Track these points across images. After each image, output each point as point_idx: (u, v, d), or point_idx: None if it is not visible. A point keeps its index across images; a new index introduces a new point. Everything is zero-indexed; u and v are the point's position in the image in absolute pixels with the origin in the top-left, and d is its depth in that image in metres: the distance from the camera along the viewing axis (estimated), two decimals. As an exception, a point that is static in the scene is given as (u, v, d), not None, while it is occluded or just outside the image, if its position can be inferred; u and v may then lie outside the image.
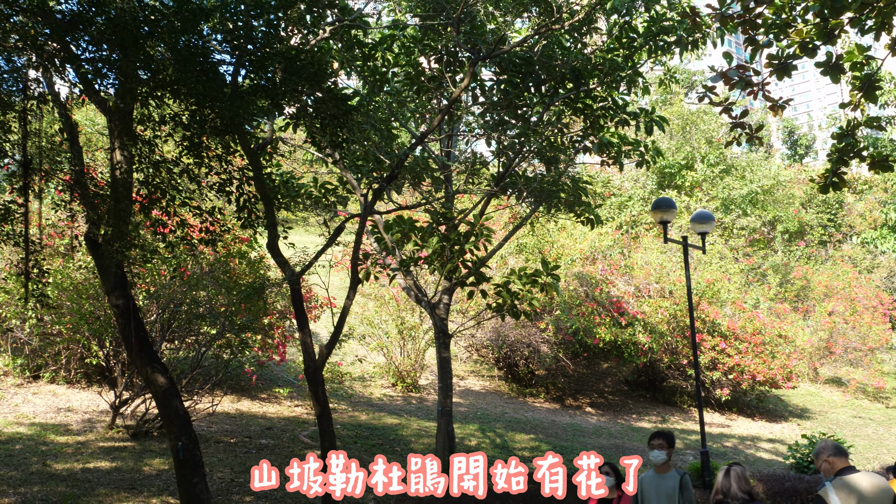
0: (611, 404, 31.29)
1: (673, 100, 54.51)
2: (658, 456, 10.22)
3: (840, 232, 59.82)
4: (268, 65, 11.23)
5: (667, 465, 10.26)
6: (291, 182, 15.97)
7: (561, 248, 30.62)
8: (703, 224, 19.69)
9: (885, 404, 40.93)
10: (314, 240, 34.64)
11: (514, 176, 17.10)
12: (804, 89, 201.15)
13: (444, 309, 17.47)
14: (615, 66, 15.75)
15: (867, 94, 10.39)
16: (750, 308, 34.55)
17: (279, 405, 22.19)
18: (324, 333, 29.05)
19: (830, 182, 10.86)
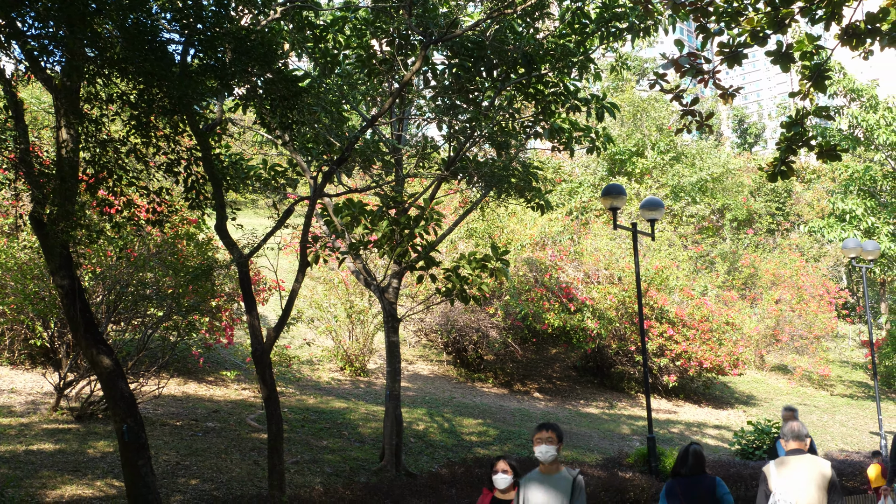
0: (559, 390, 31.43)
1: (624, 87, 54.75)
2: (546, 452, 8.58)
3: (788, 221, 60.50)
4: (217, 45, 11.10)
5: (556, 463, 8.62)
6: (241, 163, 15.84)
7: (511, 234, 30.67)
8: (653, 211, 19.79)
9: (829, 392, 41.48)
10: (263, 222, 34.48)
11: (465, 160, 17.09)
12: (755, 78, 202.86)
13: (393, 293, 17.44)
14: (567, 51, 15.76)
15: (816, 83, 10.46)
16: (698, 295, 34.82)
17: (226, 388, 22.07)
18: (272, 316, 28.92)
19: (779, 171, 10.93)
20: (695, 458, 10.18)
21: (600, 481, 16.21)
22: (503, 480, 9.05)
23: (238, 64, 11.20)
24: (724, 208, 55.08)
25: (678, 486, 10.13)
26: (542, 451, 8.61)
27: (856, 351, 52.37)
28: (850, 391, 42.60)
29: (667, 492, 10.24)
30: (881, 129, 34.65)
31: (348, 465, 17.45)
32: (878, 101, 36.07)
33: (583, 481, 8.50)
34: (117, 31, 10.22)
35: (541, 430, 8.71)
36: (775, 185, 58.58)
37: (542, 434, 8.65)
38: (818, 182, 61.93)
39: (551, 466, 8.62)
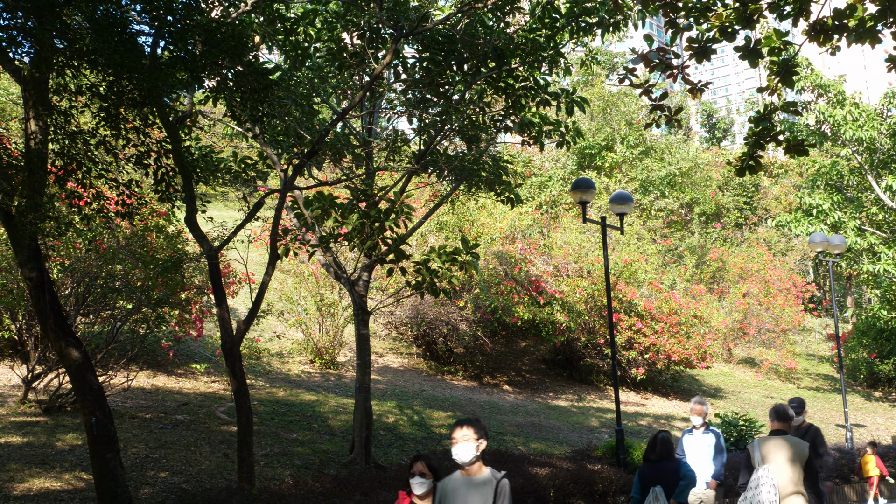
0: (528, 382, 31.54)
1: (594, 81, 54.87)
2: (463, 452, 7.52)
3: (756, 215, 60.87)
4: (188, 37, 11.08)
5: (478, 464, 7.58)
6: (211, 156, 15.79)
7: (481, 227, 30.73)
8: (622, 205, 19.88)
9: (796, 384, 41.81)
10: (233, 215, 34.39)
11: (436, 154, 17.11)
12: (723, 73, 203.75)
13: (363, 286, 17.45)
14: (537, 46, 15.81)
15: (784, 78, 10.55)
16: (666, 289, 35.00)
17: (196, 381, 22.03)
18: (242, 309, 28.86)
19: (747, 165, 11.03)
20: (662, 445, 11.50)
21: (569, 474, 16.28)
22: (420, 485, 8.11)
23: (208, 56, 11.18)
24: (693, 202, 55.37)
25: (649, 470, 11.48)
26: (459, 451, 7.52)
27: (822, 344, 52.81)
28: (816, 384, 42.95)
29: (639, 476, 11.55)
30: (848, 125, 34.90)
31: (318, 458, 17.46)
32: (845, 96, 36.30)
33: (507, 486, 7.46)
34: (87, 22, 10.19)
35: (456, 427, 7.62)
36: (743, 179, 58.92)
37: (458, 432, 7.56)
38: (786, 177, 62.33)
39: (472, 468, 7.56)
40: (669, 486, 11.16)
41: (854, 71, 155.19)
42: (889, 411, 39.14)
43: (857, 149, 36.07)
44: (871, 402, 40.84)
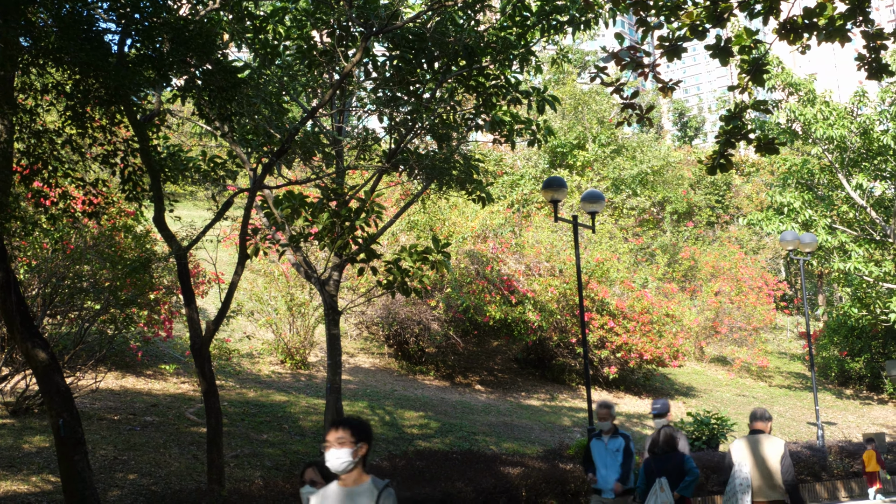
0: (500, 382, 31.52)
1: (565, 79, 54.89)
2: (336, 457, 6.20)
3: (727, 213, 61.08)
4: (155, 35, 10.98)
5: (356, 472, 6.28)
6: (179, 155, 15.67)
7: (452, 226, 30.68)
8: (593, 203, 19.87)
9: (767, 383, 42.00)
10: (202, 214, 34.21)
11: (406, 152, 17.05)
12: (695, 72, 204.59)
13: (333, 285, 17.37)
14: (508, 44, 15.76)
15: (755, 77, 10.55)
16: (638, 287, 35.06)
17: (165, 382, 21.87)
18: (212, 309, 28.69)
19: (718, 164, 11.02)
20: (667, 439, 12.20)
21: (541, 473, 16.26)
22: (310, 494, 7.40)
23: (176, 54, 11.08)
24: (665, 201, 55.48)
25: (653, 462, 12.08)
26: (331, 457, 6.21)
27: (794, 342, 53.08)
28: (787, 382, 43.15)
29: (644, 467, 12.15)
30: (818, 123, 35.05)
31: (289, 459, 17.37)
32: (816, 95, 36.48)
33: (392, 497, 6.28)
34: (52, 20, 10.06)
35: (331, 429, 6.36)
36: (715, 177, 59.12)
37: (333, 434, 6.25)
38: (757, 175, 62.58)
39: (349, 477, 6.30)
40: (673, 477, 11.79)
41: (825, 70, 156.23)
42: (860, 409, 39.38)
43: (828, 147, 36.24)
44: (842, 399, 41.07)
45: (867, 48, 10.82)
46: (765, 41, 11.37)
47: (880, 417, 38.08)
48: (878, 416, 38.16)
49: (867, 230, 37.78)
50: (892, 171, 36.37)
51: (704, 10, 10.28)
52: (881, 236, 37.27)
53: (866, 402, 41.50)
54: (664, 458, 12.03)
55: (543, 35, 16.26)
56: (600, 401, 13.18)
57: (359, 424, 6.40)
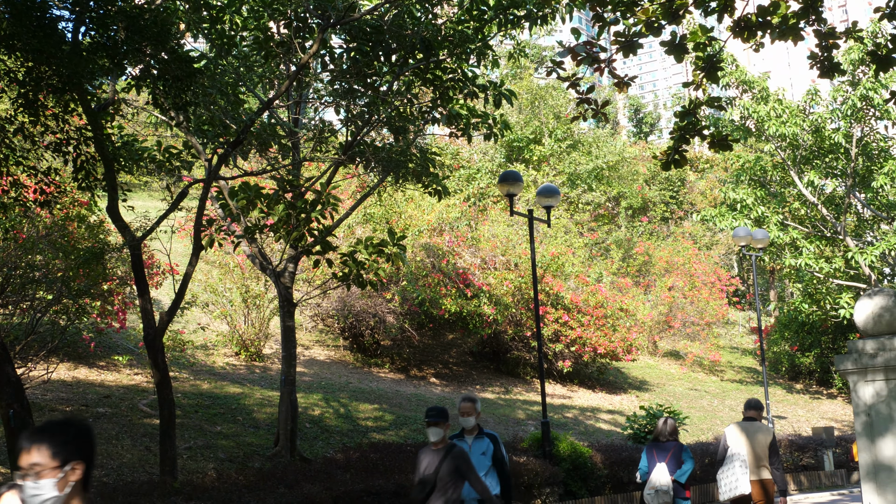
0: (455, 375, 31.57)
1: (523, 74, 54.99)
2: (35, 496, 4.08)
3: (681, 209, 61.49)
4: (110, 23, 10.89)
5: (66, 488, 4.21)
6: (134, 145, 15.55)
7: (408, 219, 30.66)
8: (549, 198, 19.93)
9: (719, 377, 42.36)
10: (157, 205, 33.93)
11: (363, 145, 17.03)
12: (651, 68, 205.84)
13: (289, 277, 17.34)
14: (465, 38, 15.78)
15: (709, 74, 10.65)
16: (593, 282, 35.21)
17: (118, 373, 21.72)
18: (166, 301, 28.49)
19: (672, 159, 11.11)
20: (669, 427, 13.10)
21: (495, 466, 16.29)
22: None
23: (131, 43, 11.00)
24: (620, 196, 55.75)
25: (654, 448, 13.07)
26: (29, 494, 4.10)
27: (745, 337, 53.55)
28: (739, 376, 43.56)
29: (646, 452, 13.15)
30: (771, 121, 35.32)
31: (242, 451, 17.32)
32: (769, 93, 36.76)
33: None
34: (4, 6, 9.96)
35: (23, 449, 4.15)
36: (669, 173, 59.47)
37: (25, 458, 4.12)
38: (711, 172, 63.02)
39: None
40: (671, 463, 12.83)
41: (779, 68, 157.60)
42: (809, 403, 39.84)
43: (781, 145, 36.57)
44: (792, 394, 41.53)
45: (820, 47, 10.95)
46: (719, 39, 11.48)
47: (829, 412, 38.54)
48: (827, 411, 38.63)
49: (818, 227, 38.18)
50: (843, 168, 36.78)
51: (660, 6, 10.37)
52: (832, 233, 37.68)
53: (816, 396, 41.98)
54: (665, 444, 13.06)
55: (501, 29, 16.31)
56: (464, 393, 12.93)
57: (64, 435, 4.20)
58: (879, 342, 9.66)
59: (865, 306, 9.85)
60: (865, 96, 34.03)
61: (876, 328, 9.77)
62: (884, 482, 9.54)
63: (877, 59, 10.74)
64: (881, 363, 9.55)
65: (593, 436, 25.33)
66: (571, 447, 18.75)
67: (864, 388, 9.72)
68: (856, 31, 11.48)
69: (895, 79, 33.84)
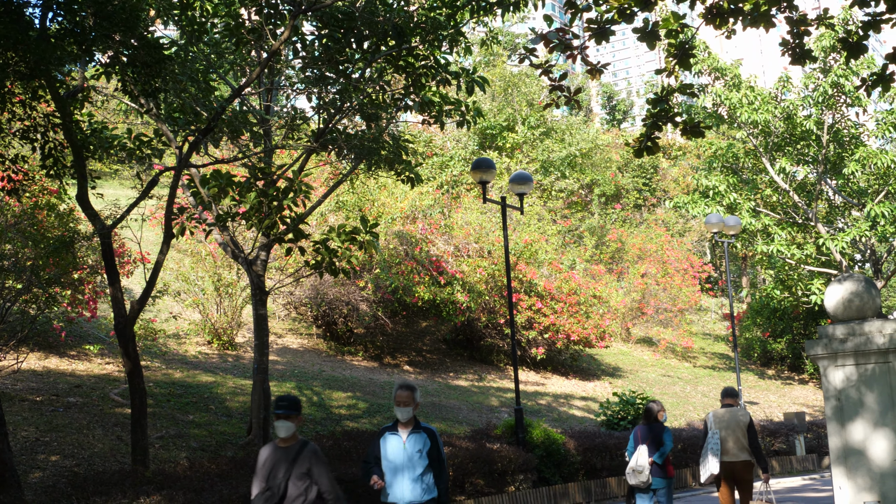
0: (429, 362, 31.57)
1: (496, 62, 54.97)
2: None
3: (654, 196, 61.70)
4: (78, 9, 10.78)
5: None
6: (104, 132, 15.42)
7: (381, 207, 30.60)
8: (522, 185, 19.92)
9: (692, 363, 42.54)
10: (127, 193, 33.72)
11: (335, 132, 16.96)
12: (624, 56, 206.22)
13: (261, 265, 17.27)
14: (437, 24, 15.72)
15: (681, 61, 10.65)
16: (566, 269, 35.30)
17: (89, 362, 21.59)
18: (137, 289, 28.33)
19: (645, 146, 11.12)
20: (646, 412, 14.10)
21: (468, 453, 16.34)
22: None
23: (100, 29, 10.90)
24: (593, 183, 55.86)
25: (640, 430, 13.95)
26: None
27: (718, 324, 53.82)
28: (711, 363, 43.78)
29: (633, 434, 14.03)
30: (743, 108, 35.43)
31: (215, 440, 17.27)
32: (741, 80, 36.87)
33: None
34: (-30, -9, 9.84)
35: None
36: (642, 161, 59.63)
37: None
38: (684, 159, 63.23)
39: None
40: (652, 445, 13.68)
41: (751, 55, 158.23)
42: (781, 389, 40.08)
43: (753, 132, 36.71)
44: (764, 380, 41.77)
45: (791, 34, 10.97)
46: (691, 26, 11.49)
47: (801, 397, 38.80)
48: (798, 396, 38.89)
49: (790, 214, 38.39)
50: (814, 155, 36.97)
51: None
52: (803, 220, 37.89)
53: (787, 381, 42.25)
54: (651, 427, 13.92)
55: (473, 16, 16.26)
56: (401, 380, 12.12)
57: None
58: (849, 327, 9.71)
59: (836, 292, 9.89)
60: (837, 83, 34.20)
61: (846, 313, 9.82)
62: (854, 466, 9.59)
63: (848, 46, 10.77)
64: (851, 348, 9.59)
65: (567, 422, 25.40)
66: (545, 434, 18.79)
67: (834, 372, 9.76)
68: (827, 19, 11.52)
69: (866, 66, 34.00)
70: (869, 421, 9.54)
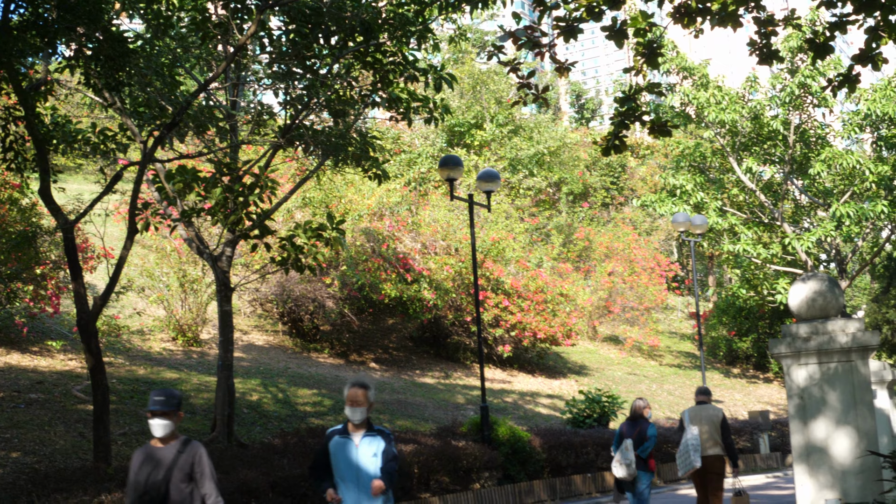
0: (395, 360, 31.52)
1: (464, 59, 54.92)
2: None
3: (622, 195, 61.87)
4: (41, 1, 10.66)
5: None
6: (68, 126, 15.28)
7: (348, 203, 30.51)
8: (489, 182, 19.91)
9: (658, 362, 42.71)
10: (91, 188, 33.45)
11: (302, 128, 16.88)
12: (593, 54, 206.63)
13: (226, 262, 17.17)
14: (406, 20, 15.67)
15: (650, 60, 10.66)
16: (533, 267, 35.33)
17: (52, 359, 21.39)
18: (101, 285, 28.08)
19: (612, 144, 11.13)
20: (633, 408, 14.61)
21: (434, 450, 16.33)
22: None
23: (63, 21, 10.78)
24: (561, 181, 55.92)
25: (625, 426, 14.49)
26: None
27: (684, 322, 54.07)
28: (677, 361, 43.97)
29: (619, 430, 14.52)
30: (711, 108, 35.55)
31: (178, 437, 17.12)
32: (709, 79, 37.01)
33: None
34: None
35: None
36: (610, 159, 59.73)
37: None
38: (652, 158, 63.41)
39: None
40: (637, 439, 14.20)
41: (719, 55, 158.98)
42: (746, 387, 40.33)
43: (720, 131, 36.87)
44: (729, 378, 42.01)
45: (759, 34, 11.01)
46: (660, 25, 11.48)
47: (765, 396, 39.07)
48: (763, 395, 39.14)
49: (756, 213, 38.60)
50: (781, 155, 37.19)
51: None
52: (769, 219, 38.11)
53: (753, 380, 42.52)
54: (636, 423, 14.42)
55: (441, 12, 16.21)
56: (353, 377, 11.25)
57: None
58: (813, 326, 9.75)
59: (799, 291, 9.93)
60: (803, 84, 34.39)
61: (810, 312, 9.85)
62: (816, 464, 9.63)
63: (815, 46, 10.82)
64: (814, 347, 9.63)
65: (532, 420, 25.42)
66: (510, 431, 18.80)
67: (797, 371, 9.80)
68: (794, 19, 11.57)
69: (833, 67, 34.19)
70: (831, 419, 9.58)
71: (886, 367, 15.88)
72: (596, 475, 20.68)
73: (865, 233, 36.25)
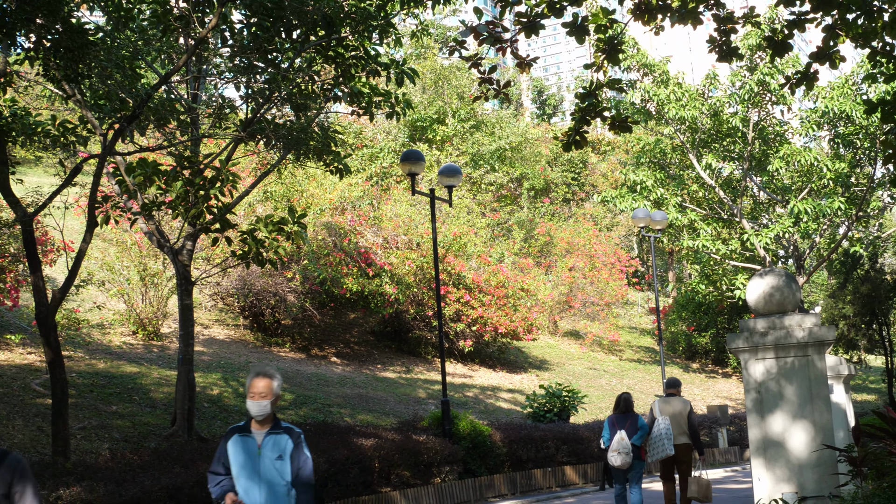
0: (356, 354, 31.52)
1: (427, 54, 54.95)
2: None
3: (583, 191, 62.13)
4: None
5: None
6: (27, 118, 15.16)
7: (310, 198, 30.47)
8: (451, 178, 19.96)
9: (618, 357, 42.96)
10: (51, 181, 33.20)
11: (263, 122, 16.84)
12: (555, 51, 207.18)
13: (187, 255, 17.12)
14: (368, 15, 15.67)
15: (610, 56, 10.74)
16: (495, 262, 35.45)
17: (10, 352, 21.23)
18: (61, 279, 27.81)
19: (573, 140, 11.19)
20: (626, 401, 15.25)
21: (395, 444, 16.37)
22: None
23: (22, 12, 10.71)
24: (522, 177, 56.10)
25: (615, 419, 15.08)
26: None
27: (644, 317, 54.39)
28: (637, 356, 44.25)
29: (608, 422, 15.17)
30: (671, 104, 35.74)
31: (138, 431, 17.09)
32: (670, 76, 37.20)
33: None
34: None
35: None
36: (571, 155, 59.95)
37: None
38: (612, 154, 63.70)
39: None
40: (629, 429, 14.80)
41: (680, 52, 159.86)
42: (705, 382, 40.66)
43: (680, 128, 37.07)
44: (689, 373, 42.34)
45: (718, 31, 11.11)
46: (620, 21, 11.56)
47: (724, 390, 39.41)
48: (722, 389, 39.49)
49: (715, 209, 38.86)
50: (740, 152, 37.44)
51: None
52: (728, 215, 38.37)
53: (711, 375, 42.89)
54: (624, 416, 15.04)
55: (403, 7, 16.25)
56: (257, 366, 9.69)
57: None
58: (770, 321, 9.86)
59: (757, 286, 10.04)
60: (762, 81, 34.63)
61: (767, 307, 9.97)
62: (773, 457, 9.75)
63: (773, 44, 10.93)
64: (771, 341, 9.75)
65: (493, 414, 25.52)
66: (471, 426, 18.87)
67: (754, 365, 9.92)
68: (753, 17, 11.67)
69: (791, 64, 34.48)
70: (788, 413, 9.70)
71: (843, 361, 16.08)
72: (556, 469, 20.79)
73: (823, 229, 36.59)
